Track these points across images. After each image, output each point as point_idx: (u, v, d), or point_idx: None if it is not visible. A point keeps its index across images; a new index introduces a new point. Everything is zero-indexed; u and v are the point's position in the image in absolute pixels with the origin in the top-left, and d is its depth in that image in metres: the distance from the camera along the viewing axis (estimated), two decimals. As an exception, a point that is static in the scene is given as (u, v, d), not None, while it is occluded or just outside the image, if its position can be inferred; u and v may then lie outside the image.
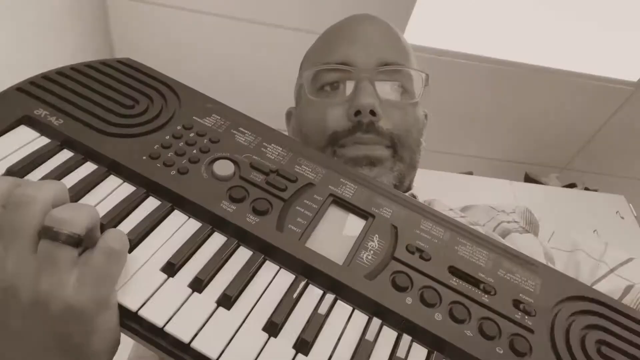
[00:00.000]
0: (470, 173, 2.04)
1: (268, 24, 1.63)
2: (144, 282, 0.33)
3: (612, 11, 1.63)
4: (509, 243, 0.49)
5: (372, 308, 0.35)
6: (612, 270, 0.49)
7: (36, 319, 0.29)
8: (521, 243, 0.55)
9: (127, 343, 0.61)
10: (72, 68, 0.44)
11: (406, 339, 0.34)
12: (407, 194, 0.57)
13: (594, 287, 0.41)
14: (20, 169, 0.36)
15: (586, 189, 2.10)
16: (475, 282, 0.38)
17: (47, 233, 0.29)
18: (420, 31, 1.68)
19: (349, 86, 0.54)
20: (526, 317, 0.36)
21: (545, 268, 0.40)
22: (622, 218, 1.87)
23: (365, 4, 1.54)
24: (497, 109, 1.97)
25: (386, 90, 0.55)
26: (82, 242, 0.31)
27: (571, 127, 2.06)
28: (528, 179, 2.20)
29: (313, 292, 0.35)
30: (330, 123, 0.54)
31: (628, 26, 1.69)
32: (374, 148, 0.54)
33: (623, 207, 1.91)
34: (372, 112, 0.52)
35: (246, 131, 0.44)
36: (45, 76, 0.43)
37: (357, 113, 0.52)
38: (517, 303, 0.37)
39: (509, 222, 0.60)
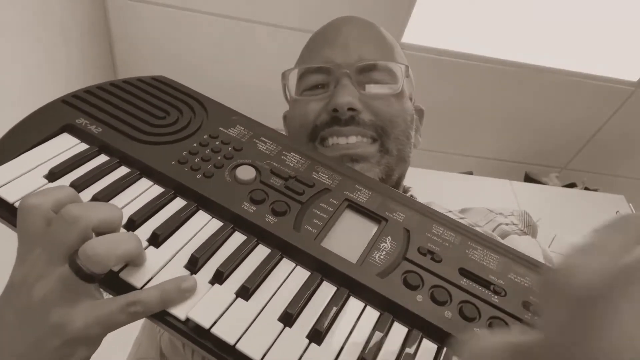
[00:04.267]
0: (470, 173, 2.02)
1: (268, 24, 1.64)
2: (170, 276, 0.35)
3: (612, 11, 1.62)
4: (509, 244, 0.50)
5: (384, 304, 0.36)
6: None
7: (30, 321, 0.32)
8: (520, 245, 0.55)
9: (126, 343, 0.61)
10: (111, 83, 0.49)
11: (416, 334, 0.35)
12: (407, 195, 0.57)
13: None
14: (62, 170, 0.40)
15: (586, 189, 2.07)
16: (485, 283, 0.39)
17: (72, 264, 0.32)
18: (420, 31, 1.67)
19: (331, 85, 0.57)
20: (535, 318, 0.37)
21: None
22: (622, 218, 1.85)
23: (365, 3, 1.56)
24: (497, 109, 1.96)
25: (369, 84, 0.57)
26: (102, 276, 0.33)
27: (571, 127, 2.03)
28: (528, 179, 2.17)
29: (327, 288, 0.37)
30: (311, 117, 0.57)
31: (628, 26, 1.67)
32: (355, 145, 0.55)
33: (623, 207, 1.88)
34: (351, 109, 0.54)
35: (267, 141, 0.47)
36: (87, 90, 0.47)
37: (335, 110, 0.54)
38: (526, 304, 0.37)
39: (507, 224, 0.61)
